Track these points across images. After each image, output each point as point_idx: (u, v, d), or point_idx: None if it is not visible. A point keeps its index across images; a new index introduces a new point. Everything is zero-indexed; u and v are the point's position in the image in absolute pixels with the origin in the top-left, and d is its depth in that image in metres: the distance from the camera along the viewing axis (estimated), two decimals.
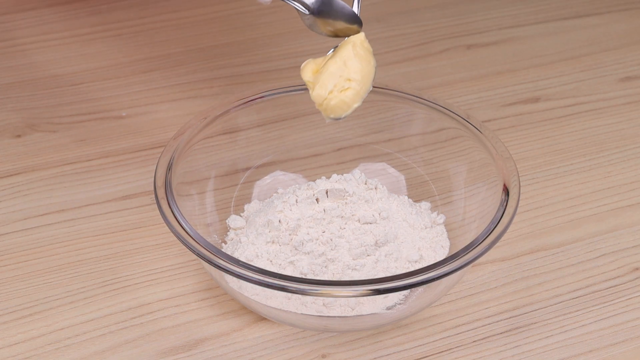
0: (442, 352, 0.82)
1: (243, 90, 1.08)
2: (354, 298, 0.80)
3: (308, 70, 0.84)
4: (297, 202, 0.88)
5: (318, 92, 0.82)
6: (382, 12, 1.24)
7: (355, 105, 0.82)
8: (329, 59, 0.83)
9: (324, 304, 0.81)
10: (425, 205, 0.91)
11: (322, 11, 0.76)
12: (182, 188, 0.85)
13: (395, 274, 0.78)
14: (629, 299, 0.86)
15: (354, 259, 0.83)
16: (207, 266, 0.80)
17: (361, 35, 0.83)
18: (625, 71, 1.15)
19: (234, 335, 0.82)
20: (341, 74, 0.81)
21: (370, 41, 1.18)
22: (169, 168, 0.83)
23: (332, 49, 0.84)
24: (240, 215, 0.91)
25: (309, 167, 0.94)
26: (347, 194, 0.89)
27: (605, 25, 1.23)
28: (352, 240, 0.84)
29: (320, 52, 1.16)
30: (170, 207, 0.80)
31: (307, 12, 0.77)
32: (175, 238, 0.81)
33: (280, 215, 0.86)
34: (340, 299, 0.80)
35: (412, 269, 0.84)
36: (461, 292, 0.87)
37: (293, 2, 0.75)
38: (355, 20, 0.81)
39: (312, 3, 0.75)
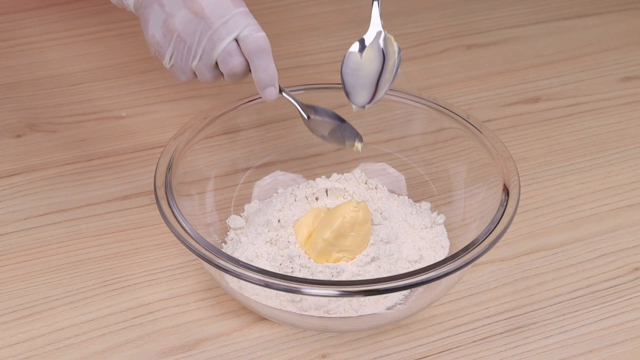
0: (442, 352, 0.82)
1: (243, 90, 1.07)
2: (355, 298, 0.80)
3: (300, 238, 0.84)
4: (296, 200, 0.88)
5: (316, 260, 0.83)
6: (383, 12, 1.24)
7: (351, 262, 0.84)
8: (318, 225, 0.83)
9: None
10: (425, 205, 0.91)
11: (315, 116, 0.86)
12: (182, 188, 0.85)
13: (395, 274, 0.78)
14: (629, 299, 0.86)
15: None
16: (207, 266, 0.80)
17: (351, 203, 0.83)
18: (625, 71, 1.15)
19: (234, 335, 0.82)
20: (332, 249, 0.82)
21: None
22: (169, 168, 0.83)
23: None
24: (240, 215, 0.91)
25: (309, 167, 0.94)
26: (347, 193, 0.89)
27: (605, 25, 1.23)
28: None
29: (320, 53, 1.16)
30: (170, 207, 0.80)
31: (306, 116, 0.85)
32: (175, 238, 0.81)
33: (280, 214, 0.86)
34: (341, 299, 0.80)
35: (412, 269, 0.84)
36: (461, 292, 0.87)
37: (297, 106, 0.85)
38: (339, 118, 0.86)
39: (308, 113, 0.85)
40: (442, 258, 0.84)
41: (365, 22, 1.19)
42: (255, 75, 0.82)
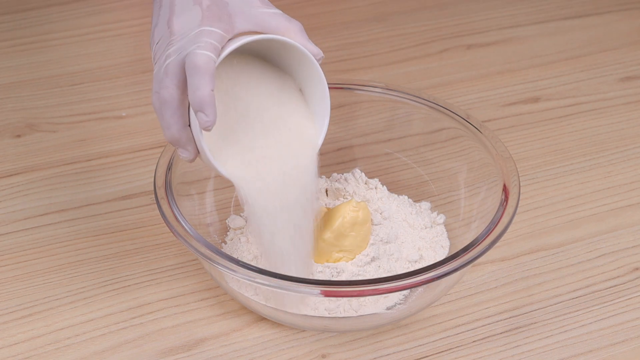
0: (442, 352, 0.82)
1: None
2: (355, 298, 0.80)
3: None
4: None
5: (316, 260, 0.83)
6: (382, 12, 1.24)
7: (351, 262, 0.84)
8: (318, 225, 0.83)
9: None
10: (425, 205, 0.91)
11: None
12: (182, 188, 0.85)
13: (395, 274, 0.78)
14: (629, 299, 0.86)
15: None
16: (207, 266, 0.80)
17: (351, 203, 0.83)
18: (625, 71, 1.15)
19: (234, 335, 0.82)
20: (332, 249, 0.83)
21: (370, 41, 1.18)
22: (169, 168, 0.83)
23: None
24: (240, 215, 0.91)
25: None
26: (347, 193, 0.89)
27: (605, 25, 1.23)
28: None
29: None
30: (170, 207, 0.80)
31: None
32: (175, 238, 0.81)
33: None
34: (340, 299, 0.80)
35: (412, 269, 0.84)
36: (461, 292, 0.87)
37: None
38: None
39: None
40: (442, 258, 0.84)
41: (366, 22, 1.20)
42: (188, 95, 0.73)
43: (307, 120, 0.80)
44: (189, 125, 0.75)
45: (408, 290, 0.81)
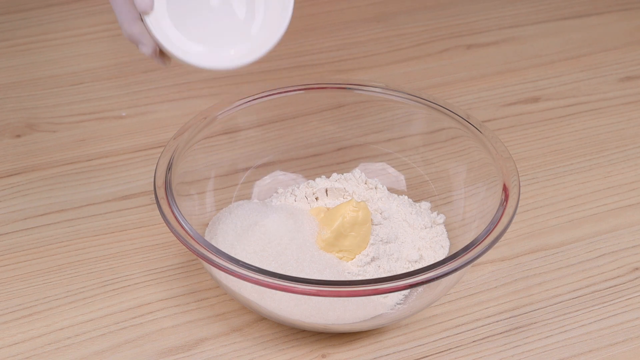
0: (442, 352, 0.82)
1: (243, 90, 1.07)
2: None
3: None
4: (295, 200, 0.88)
5: None
6: (382, 12, 1.24)
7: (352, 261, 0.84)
8: (318, 225, 0.84)
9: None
10: (425, 205, 0.91)
11: None
12: (182, 188, 0.85)
13: (395, 274, 0.78)
14: (629, 299, 0.86)
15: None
16: (207, 266, 0.80)
17: (351, 203, 0.83)
18: (625, 71, 1.15)
19: (234, 335, 0.82)
20: (332, 249, 0.83)
21: (370, 41, 1.18)
22: (169, 168, 0.83)
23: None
24: None
25: (309, 167, 0.94)
26: (347, 193, 0.89)
27: (605, 25, 1.23)
28: None
29: (320, 52, 1.16)
30: (170, 207, 0.80)
31: None
32: (175, 238, 0.81)
33: None
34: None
35: (412, 269, 0.84)
36: (461, 292, 0.87)
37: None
38: None
39: None
40: (442, 258, 0.84)
41: (366, 22, 1.20)
42: None
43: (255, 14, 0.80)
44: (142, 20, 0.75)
45: (408, 290, 0.81)
